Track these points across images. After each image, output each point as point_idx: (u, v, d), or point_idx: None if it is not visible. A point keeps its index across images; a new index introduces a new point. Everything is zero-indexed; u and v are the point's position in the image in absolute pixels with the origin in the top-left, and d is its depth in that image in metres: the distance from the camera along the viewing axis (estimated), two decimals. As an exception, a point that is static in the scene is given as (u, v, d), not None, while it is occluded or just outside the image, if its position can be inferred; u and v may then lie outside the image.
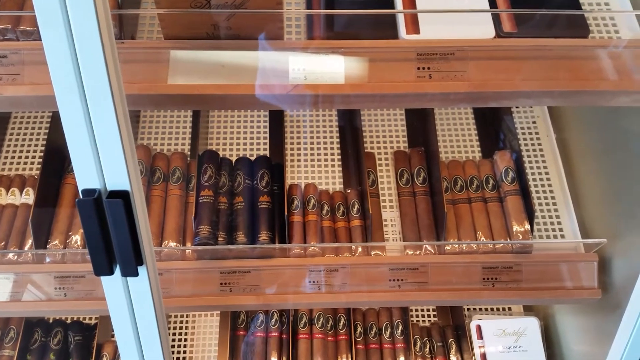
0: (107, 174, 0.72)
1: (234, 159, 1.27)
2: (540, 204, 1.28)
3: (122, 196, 0.72)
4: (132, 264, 0.77)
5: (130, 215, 0.74)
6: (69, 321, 1.41)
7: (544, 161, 1.34)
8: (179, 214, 1.20)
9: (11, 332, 1.35)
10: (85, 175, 0.72)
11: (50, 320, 1.40)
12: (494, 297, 1.17)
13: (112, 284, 0.81)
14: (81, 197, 0.72)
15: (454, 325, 1.43)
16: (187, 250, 1.15)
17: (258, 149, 1.36)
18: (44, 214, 1.16)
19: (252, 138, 1.38)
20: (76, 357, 1.35)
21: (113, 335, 1.40)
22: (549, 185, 1.31)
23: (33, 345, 1.34)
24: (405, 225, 1.23)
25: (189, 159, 1.29)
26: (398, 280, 1.16)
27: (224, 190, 1.20)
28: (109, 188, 0.73)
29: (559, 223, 1.26)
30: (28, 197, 1.23)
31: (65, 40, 0.64)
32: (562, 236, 1.24)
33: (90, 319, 1.43)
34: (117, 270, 0.79)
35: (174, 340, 1.47)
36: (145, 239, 0.77)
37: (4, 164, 1.34)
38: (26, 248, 1.16)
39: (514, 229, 1.17)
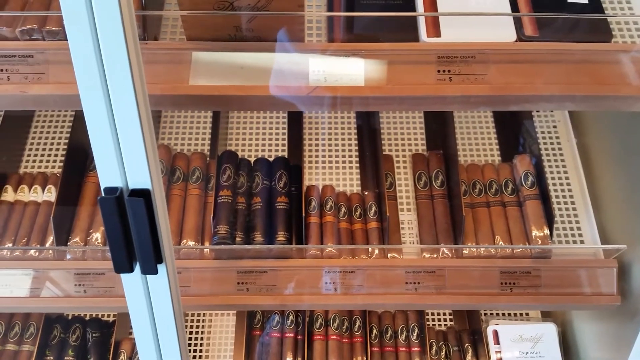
0: (129, 172, 0.73)
1: (252, 159, 1.28)
2: (560, 209, 1.27)
3: (144, 195, 0.73)
4: (151, 262, 0.78)
5: (151, 214, 0.74)
6: (87, 318, 1.43)
7: (564, 166, 1.33)
8: (198, 214, 1.21)
9: (31, 327, 1.37)
10: (108, 173, 0.73)
11: (70, 317, 1.42)
12: (511, 302, 1.16)
13: (132, 281, 0.82)
14: (103, 195, 0.73)
15: (470, 330, 1.42)
16: (205, 250, 1.16)
17: (276, 150, 1.37)
18: (65, 212, 1.18)
19: (270, 139, 1.39)
20: (94, 354, 1.36)
21: (131, 333, 1.41)
22: (569, 190, 1.30)
23: (52, 342, 1.36)
24: (422, 229, 1.23)
25: (208, 159, 1.30)
26: (414, 283, 1.15)
27: (242, 190, 1.21)
28: (131, 187, 0.74)
29: (578, 228, 1.25)
30: (50, 194, 1.25)
31: (90, 40, 0.65)
32: (582, 242, 1.23)
33: (109, 316, 1.45)
34: (137, 268, 0.79)
35: (190, 338, 1.48)
36: (165, 237, 0.78)
37: (27, 161, 1.36)
38: (47, 245, 1.18)
39: (533, 234, 1.16)
